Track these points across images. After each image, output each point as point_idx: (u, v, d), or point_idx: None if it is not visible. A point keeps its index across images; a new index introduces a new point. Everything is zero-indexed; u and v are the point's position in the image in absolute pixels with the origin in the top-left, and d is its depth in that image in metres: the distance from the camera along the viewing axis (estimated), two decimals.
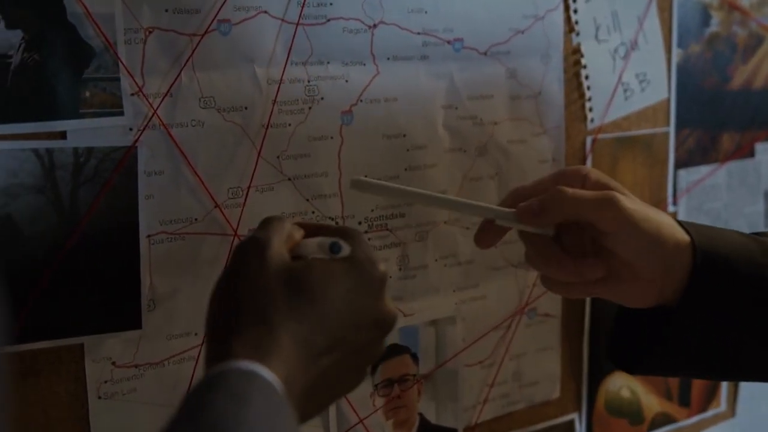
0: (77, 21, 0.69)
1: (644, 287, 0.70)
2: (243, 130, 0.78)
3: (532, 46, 0.97)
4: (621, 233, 0.68)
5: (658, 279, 0.70)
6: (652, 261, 0.68)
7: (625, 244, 0.68)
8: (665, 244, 0.68)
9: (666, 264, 0.69)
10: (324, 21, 0.81)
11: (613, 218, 0.67)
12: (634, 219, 0.67)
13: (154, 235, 0.74)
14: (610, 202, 0.67)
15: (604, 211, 0.67)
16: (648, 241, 0.68)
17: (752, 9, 1.16)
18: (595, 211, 0.67)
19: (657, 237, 0.68)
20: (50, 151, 0.69)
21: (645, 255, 0.68)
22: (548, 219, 0.69)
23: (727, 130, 1.17)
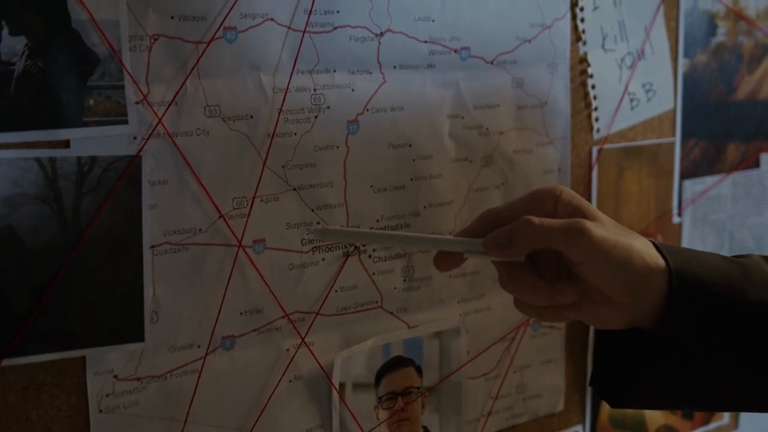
0: (82, 28, 0.68)
1: (617, 310, 0.69)
2: (248, 139, 0.77)
3: (539, 56, 0.96)
4: (590, 262, 0.66)
5: (631, 303, 0.68)
6: (623, 286, 0.67)
7: (594, 271, 0.66)
8: (635, 270, 0.66)
9: (637, 288, 0.67)
10: (331, 29, 0.80)
11: (582, 248, 0.65)
12: (603, 248, 0.65)
13: (157, 246, 0.73)
14: (578, 231, 0.65)
15: (572, 241, 0.65)
16: (617, 267, 0.66)
17: (758, 19, 1.15)
18: (564, 241, 0.65)
19: (627, 263, 0.66)
20: (53, 160, 0.68)
21: (615, 281, 0.66)
22: (516, 251, 0.67)
23: (733, 140, 1.16)
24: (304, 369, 0.83)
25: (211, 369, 0.77)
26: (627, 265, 0.66)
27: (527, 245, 0.66)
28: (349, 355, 0.85)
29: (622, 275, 0.66)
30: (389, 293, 0.88)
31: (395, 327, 0.89)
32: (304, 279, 0.82)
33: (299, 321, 0.82)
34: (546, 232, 0.65)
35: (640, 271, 0.66)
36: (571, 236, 0.65)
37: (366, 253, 0.86)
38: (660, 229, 1.11)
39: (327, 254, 0.83)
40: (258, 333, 0.80)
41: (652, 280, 0.67)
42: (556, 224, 0.65)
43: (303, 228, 0.81)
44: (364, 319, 0.87)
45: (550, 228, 0.65)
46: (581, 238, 0.65)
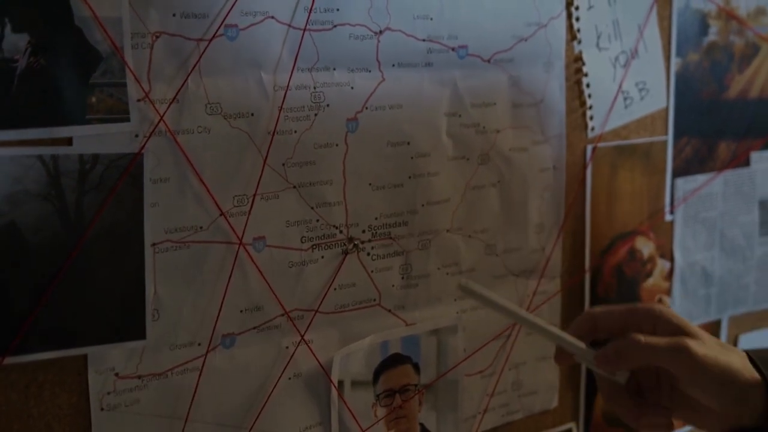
0: (84, 25, 0.67)
1: (718, 419, 0.73)
2: (249, 137, 0.77)
3: (535, 54, 0.96)
4: (693, 379, 0.70)
5: (732, 413, 0.72)
6: (724, 400, 0.71)
7: (697, 387, 0.71)
8: (735, 384, 0.71)
9: (738, 402, 0.71)
10: (331, 27, 0.80)
11: (686, 366, 0.70)
12: (705, 365, 0.70)
13: (159, 244, 0.73)
14: (682, 350, 0.70)
15: (676, 359, 0.70)
16: (719, 384, 0.70)
17: (749, 19, 1.16)
18: (668, 359, 0.70)
19: (728, 379, 0.70)
20: (56, 157, 0.67)
21: (716, 395, 0.71)
22: (623, 366, 0.73)
23: (724, 139, 1.17)
24: (303, 366, 0.83)
25: (211, 367, 0.77)
26: (727, 383, 0.70)
27: (634, 362, 0.72)
28: (348, 353, 0.85)
29: (723, 391, 0.70)
30: (387, 291, 0.88)
31: (393, 324, 0.89)
32: (304, 277, 0.82)
33: (298, 319, 0.82)
34: (652, 350, 0.70)
35: (740, 386, 0.70)
36: (675, 354, 0.70)
37: (364, 251, 0.86)
38: (652, 226, 1.12)
39: (326, 252, 0.83)
40: (258, 331, 0.80)
41: (750, 394, 0.71)
42: (662, 343, 0.71)
43: (303, 225, 0.81)
44: (363, 317, 0.87)
45: (657, 346, 0.70)
46: (684, 356, 0.69)
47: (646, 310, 0.75)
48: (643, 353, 0.71)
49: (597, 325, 0.76)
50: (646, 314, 0.75)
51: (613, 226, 1.07)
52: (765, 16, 1.17)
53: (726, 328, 1.22)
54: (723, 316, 1.22)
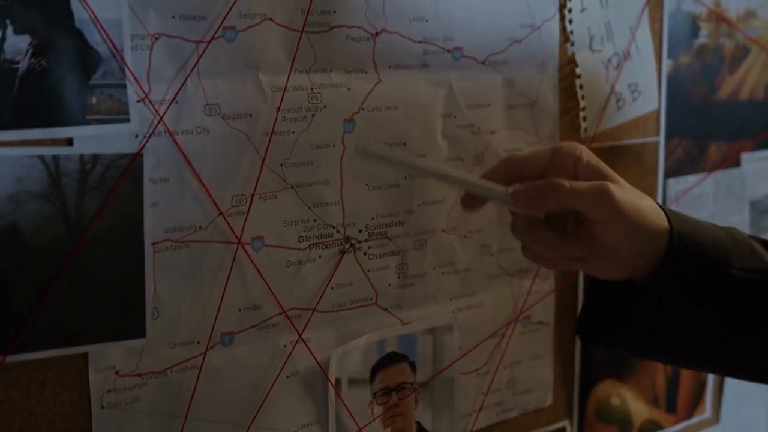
0: (84, 27, 0.68)
1: (620, 264, 0.74)
2: (247, 138, 0.78)
3: (529, 56, 0.97)
4: (610, 221, 0.70)
5: (634, 259, 0.73)
6: (633, 244, 0.72)
7: (609, 231, 0.71)
8: (645, 230, 0.72)
9: (643, 247, 0.72)
10: (327, 29, 0.81)
11: (605, 210, 0.70)
12: (623, 210, 0.70)
13: (158, 243, 0.74)
14: (604, 194, 0.70)
15: (598, 204, 0.70)
16: (631, 228, 0.71)
17: (739, 21, 1.18)
18: (590, 203, 0.70)
19: (641, 224, 0.71)
20: (56, 158, 0.68)
21: (626, 240, 0.72)
22: (542, 207, 0.71)
23: (715, 140, 1.18)
24: (300, 365, 0.84)
25: (210, 365, 0.78)
26: (640, 227, 0.71)
27: (553, 204, 0.70)
28: (345, 351, 0.86)
29: (634, 235, 0.71)
30: (384, 290, 0.89)
31: (389, 323, 0.90)
32: (301, 276, 0.83)
33: (296, 317, 0.83)
34: (574, 195, 0.70)
35: (650, 231, 0.72)
36: (597, 198, 0.69)
37: (361, 251, 0.87)
38: None
39: (323, 251, 0.84)
40: (256, 329, 0.81)
41: (656, 240, 0.72)
42: (584, 187, 0.70)
43: (300, 225, 0.82)
44: (360, 316, 0.88)
45: (579, 190, 0.70)
46: (606, 200, 0.69)
47: (567, 152, 0.74)
48: (565, 197, 0.70)
49: (519, 169, 0.74)
50: (568, 156, 0.74)
51: None
52: (755, 19, 1.19)
53: None
54: None
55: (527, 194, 0.71)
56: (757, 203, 1.24)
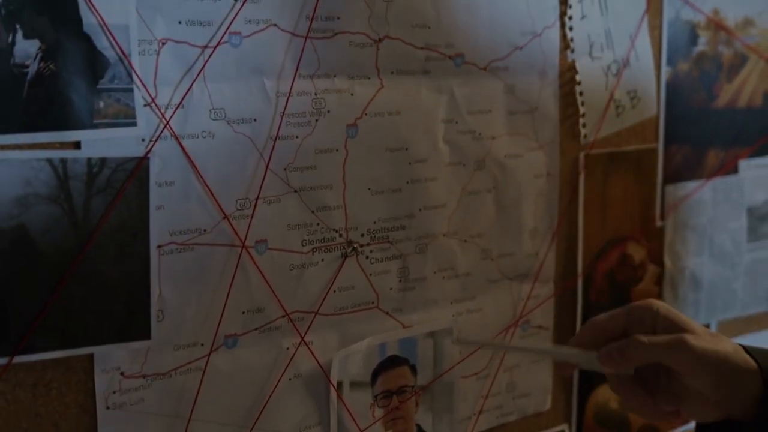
0: (93, 32, 0.69)
1: (716, 408, 0.75)
2: (252, 142, 0.78)
3: (530, 63, 0.98)
4: (692, 371, 0.73)
5: (729, 399, 0.75)
6: (722, 388, 0.74)
7: (697, 378, 0.74)
8: (732, 374, 0.74)
9: (735, 390, 0.74)
10: (332, 35, 0.82)
11: (686, 360, 0.73)
12: (704, 357, 0.73)
13: (164, 246, 0.75)
14: (681, 346, 0.73)
15: (677, 355, 0.73)
16: (717, 373, 0.73)
17: (737, 29, 1.19)
18: (670, 355, 0.73)
19: (725, 367, 0.74)
20: (64, 161, 0.69)
21: (715, 384, 0.74)
22: (628, 365, 0.75)
23: (713, 147, 1.19)
24: (303, 367, 0.85)
25: (214, 367, 0.79)
26: (724, 371, 0.73)
27: (637, 361, 0.75)
28: (347, 354, 0.87)
29: (721, 381, 0.73)
30: (385, 294, 0.90)
31: (391, 327, 0.91)
32: (304, 279, 0.84)
33: (299, 320, 0.84)
34: (654, 349, 0.73)
35: (737, 375, 0.74)
36: (676, 350, 0.73)
37: (363, 255, 0.88)
38: (643, 232, 1.14)
39: (326, 255, 0.85)
40: (259, 332, 0.81)
41: (746, 380, 0.74)
42: (662, 341, 0.74)
43: (303, 229, 0.83)
44: (361, 319, 0.88)
45: (658, 344, 0.73)
46: (684, 351, 0.73)
47: (644, 308, 0.78)
48: (646, 352, 0.74)
49: (600, 331, 0.78)
50: (645, 311, 0.78)
51: (606, 231, 1.10)
52: (753, 27, 1.20)
53: None
54: (712, 321, 1.24)
55: (611, 355, 0.75)
56: (754, 210, 1.25)
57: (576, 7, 1.01)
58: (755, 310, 1.28)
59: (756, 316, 1.29)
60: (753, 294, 1.27)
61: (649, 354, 0.74)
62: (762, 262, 1.27)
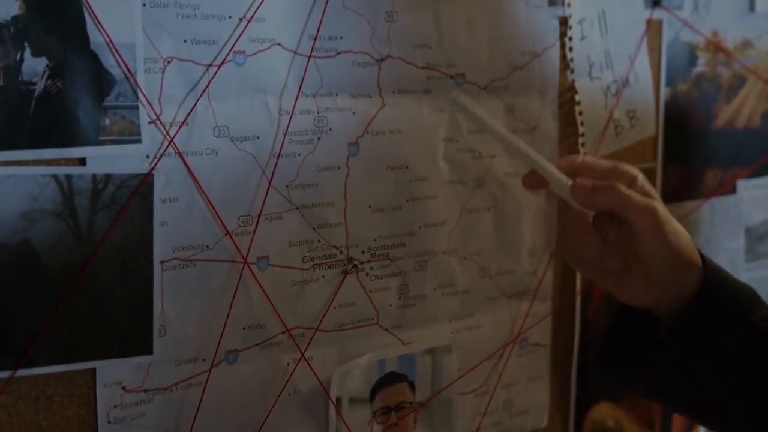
0: (100, 50, 0.70)
1: (650, 287, 0.79)
2: (255, 160, 0.79)
3: (530, 83, 0.99)
4: (652, 237, 0.76)
5: (666, 284, 0.78)
6: (667, 268, 0.77)
7: (651, 246, 0.77)
8: (680, 259, 0.78)
9: (677, 274, 0.78)
10: (334, 54, 0.83)
11: (649, 224, 0.76)
12: (665, 230, 0.77)
13: (166, 261, 0.75)
14: (652, 210, 0.77)
15: (644, 216, 0.76)
16: (670, 251, 0.77)
17: (736, 51, 1.20)
18: (638, 213, 0.76)
19: (678, 250, 0.77)
20: (69, 177, 0.70)
21: (662, 261, 0.77)
22: (597, 204, 0.78)
23: (711, 167, 1.20)
24: (302, 383, 0.85)
25: (215, 382, 0.79)
26: (677, 252, 0.77)
27: (607, 204, 0.78)
28: (346, 371, 0.88)
29: (669, 258, 0.77)
30: (385, 310, 0.91)
31: (390, 343, 0.91)
32: (305, 296, 0.84)
33: (299, 336, 0.85)
34: (627, 201, 0.76)
35: (686, 259, 0.78)
36: (645, 212, 0.76)
37: (363, 272, 0.88)
38: None
39: (327, 272, 0.86)
40: (260, 347, 0.82)
41: (689, 272, 0.78)
42: (637, 198, 0.77)
43: (305, 246, 0.84)
44: (361, 336, 0.89)
45: (632, 199, 0.77)
46: (652, 217, 0.76)
47: (626, 170, 0.82)
48: (618, 200, 0.77)
49: (580, 170, 0.81)
50: (625, 174, 0.81)
51: None
52: (752, 49, 1.21)
53: None
54: None
55: (585, 187, 0.78)
56: (752, 230, 1.26)
57: (576, 28, 1.02)
58: None
59: None
60: None
61: (620, 203, 0.77)
62: (760, 281, 1.27)
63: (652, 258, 0.76)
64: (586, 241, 0.79)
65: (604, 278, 0.81)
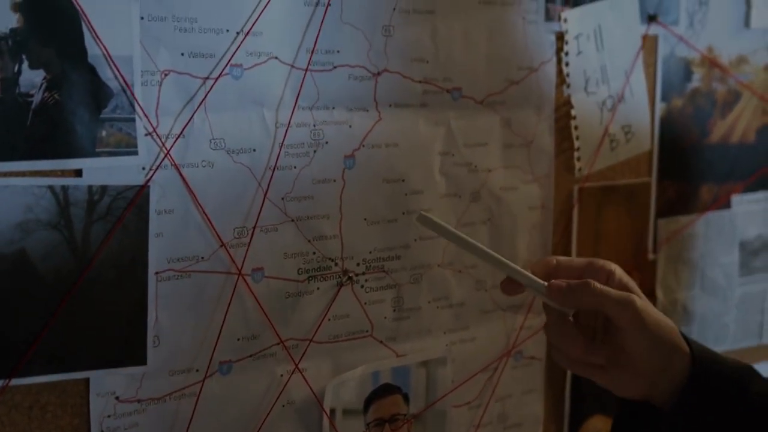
0: (97, 63, 0.71)
1: (640, 380, 0.78)
2: (251, 172, 0.80)
3: (527, 97, 1.00)
4: (632, 330, 0.76)
5: (654, 374, 0.78)
6: (653, 358, 0.77)
7: (632, 339, 0.77)
8: (666, 347, 0.77)
9: (664, 362, 0.77)
10: (331, 68, 0.84)
11: (629, 318, 0.76)
12: (645, 322, 0.76)
13: (162, 272, 0.76)
14: (629, 303, 0.76)
15: (622, 310, 0.76)
16: (653, 341, 0.77)
17: (731, 66, 1.20)
18: (615, 308, 0.76)
19: (660, 339, 0.77)
20: (65, 188, 0.70)
21: (647, 352, 0.77)
22: (573, 303, 0.78)
23: (706, 181, 1.21)
24: (296, 394, 0.86)
25: (208, 393, 0.80)
26: (660, 341, 0.77)
27: (584, 301, 0.77)
28: (340, 382, 0.88)
29: (654, 348, 0.77)
30: (379, 322, 0.91)
31: (384, 355, 0.92)
32: (299, 307, 0.85)
33: (293, 348, 0.85)
34: (602, 297, 0.76)
35: (670, 347, 0.78)
36: (622, 306, 0.76)
37: (358, 284, 0.89)
38: (636, 265, 1.15)
39: (322, 284, 0.86)
40: (254, 358, 0.82)
41: (676, 359, 0.78)
42: (613, 293, 0.77)
43: (300, 258, 0.84)
44: (355, 347, 0.89)
45: (607, 294, 0.76)
46: (630, 309, 0.76)
47: (602, 266, 0.81)
48: (594, 297, 0.76)
49: (556, 271, 0.81)
50: (602, 269, 0.80)
51: None
52: (746, 65, 1.22)
53: None
54: None
55: (561, 288, 0.77)
56: (746, 244, 1.26)
57: (572, 43, 1.03)
58: (746, 344, 1.29)
59: (747, 350, 1.30)
60: (744, 328, 1.28)
61: (597, 300, 0.76)
62: (753, 296, 1.28)
63: (636, 350, 0.77)
64: (569, 339, 0.78)
65: (592, 374, 0.81)
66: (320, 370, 0.87)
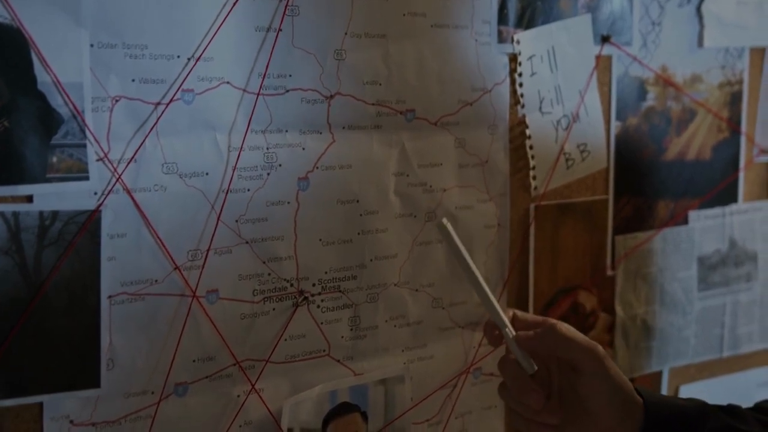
0: (47, 90, 0.72)
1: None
2: (204, 195, 0.81)
3: (480, 118, 1.02)
4: (595, 376, 0.78)
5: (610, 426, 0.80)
6: (611, 408, 0.79)
7: (595, 387, 0.79)
8: (624, 398, 0.80)
9: (620, 413, 0.79)
10: (283, 92, 0.85)
11: (594, 363, 0.79)
12: (608, 370, 0.79)
13: (115, 296, 0.77)
14: (595, 348, 0.79)
15: (588, 353, 0.79)
16: (613, 389, 0.79)
17: (685, 85, 1.23)
18: (582, 352, 0.79)
19: (621, 388, 0.80)
20: (16, 214, 0.71)
21: (607, 401, 0.79)
22: (540, 345, 0.80)
23: (663, 198, 1.23)
24: (253, 415, 0.86)
25: (164, 415, 0.80)
26: (621, 389, 0.80)
27: (551, 347, 0.80)
28: (297, 402, 0.89)
29: (614, 397, 0.79)
30: (336, 342, 0.92)
31: (342, 374, 0.93)
32: (255, 328, 0.86)
33: (250, 368, 0.86)
34: (571, 339, 0.79)
35: (628, 400, 0.80)
36: (589, 350, 0.79)
37: (314, 304, 0.90)
38: (594, 281, 1.17)
39: (277, 304, 0.87)
40: (210, 380, 0.83)
41: (633, 408, 0.80)
42: (579, 336, 0.80)
43: (255, 279, 0.85)
44: (312, 367, 0.90)
45: (575, 338, 0.80)
46: (597, 354, 0.79)
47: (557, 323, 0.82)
48: (562, 341, 0.79)
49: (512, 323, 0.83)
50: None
51: (556, 281, 1.12)
52: (701, 83, 1.24)
53: (667, 379, 1.27)
54: (664, 368, 1.26)
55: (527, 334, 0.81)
56: (704, 259, 1.28)
57: (526, 64, 1.05)
58: (706, 358, 1.31)
59: (707, 363, 1.32)
60: (704, 341, 1.30)
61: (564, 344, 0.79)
62: (713, 310, 1.30)
63: (597, 397, 0.79)
64: (528, 397, 0.80)
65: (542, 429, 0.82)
66: (277, 390, 0.88)
